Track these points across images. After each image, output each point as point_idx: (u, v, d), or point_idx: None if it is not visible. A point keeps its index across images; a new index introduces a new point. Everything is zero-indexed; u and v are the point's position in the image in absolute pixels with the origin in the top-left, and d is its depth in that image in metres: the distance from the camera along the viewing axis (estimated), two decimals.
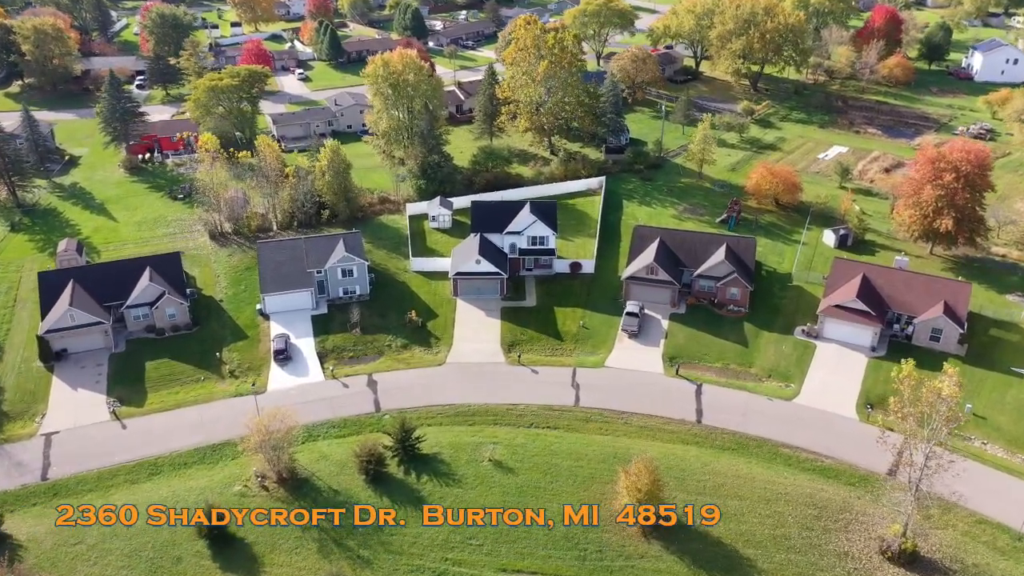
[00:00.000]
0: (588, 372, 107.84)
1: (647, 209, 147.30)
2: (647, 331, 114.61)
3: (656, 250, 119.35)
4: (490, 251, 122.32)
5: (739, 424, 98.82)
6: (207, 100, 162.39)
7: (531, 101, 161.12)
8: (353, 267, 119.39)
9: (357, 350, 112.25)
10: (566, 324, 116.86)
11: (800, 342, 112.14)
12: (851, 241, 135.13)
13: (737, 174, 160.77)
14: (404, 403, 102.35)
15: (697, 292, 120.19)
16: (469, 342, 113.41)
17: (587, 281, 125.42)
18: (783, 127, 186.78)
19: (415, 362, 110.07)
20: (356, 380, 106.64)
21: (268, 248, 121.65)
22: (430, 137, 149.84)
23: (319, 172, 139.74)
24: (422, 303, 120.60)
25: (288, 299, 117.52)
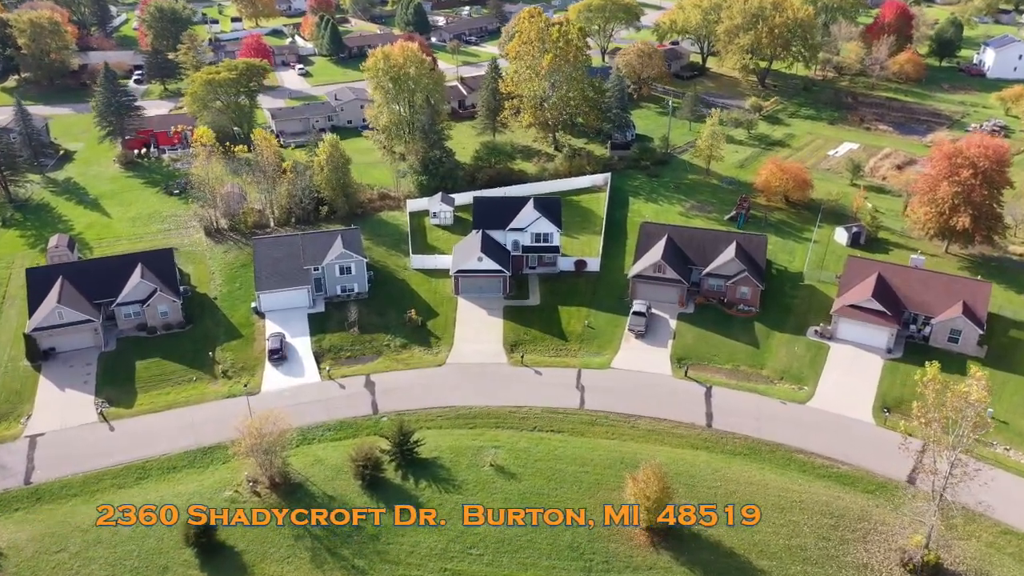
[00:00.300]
0: (593, 373, 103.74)
1: (654, 206, 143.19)
2: (654, 331, 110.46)
3: (664, 248, 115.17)
4: (492, 248, 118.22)
5: (751, 428, 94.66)
6: (204, 94, 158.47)
7: (535, 96, 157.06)
8: (351, 264, 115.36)
9: (355, 350, 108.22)
10: (571, 324, 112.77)
11: (813, 343, 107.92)
12: (864, 239, 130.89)
13: (746, 171, 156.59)
14: (403, 405, 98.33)
15: (706, 291, 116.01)
16: (470, 342, 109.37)
17: (592, 279, 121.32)
18: (792, 123, 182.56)
19: (414, 362, 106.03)
20: (353, 381, 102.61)
21: (264, 244, 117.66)
22: (431, 132, 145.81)
23: (317, 167, 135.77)
24: (422, 301, 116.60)
25: (284, 297, 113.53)
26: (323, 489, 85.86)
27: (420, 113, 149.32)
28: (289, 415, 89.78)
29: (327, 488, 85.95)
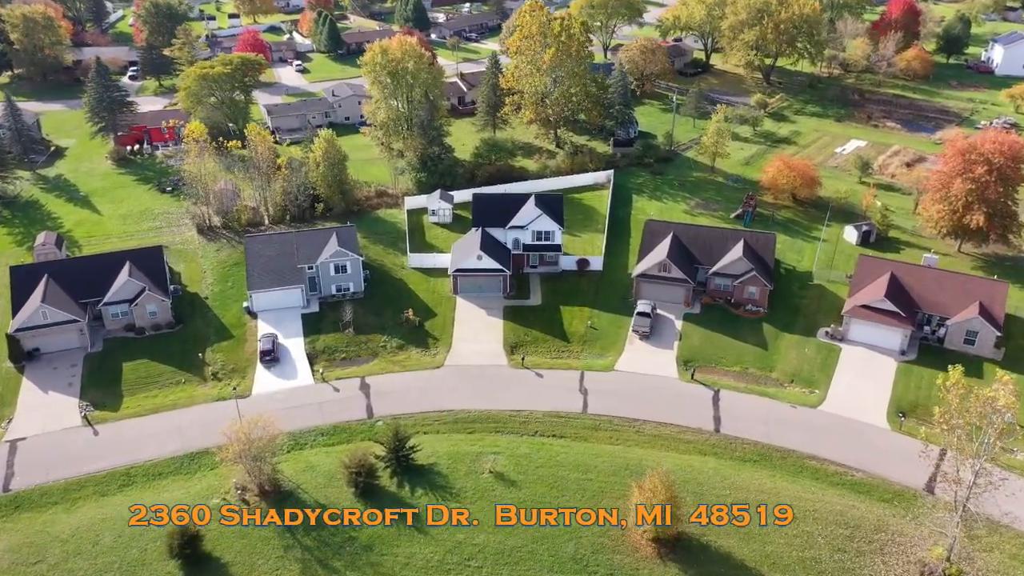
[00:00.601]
0: (597, 376, 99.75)
1: (658, 204, 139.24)
2: (659, 332, 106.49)
3: (669, 246, 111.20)
4: (492, 246, 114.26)
5: (760, 433, 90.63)
6: (198, 89, 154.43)
7: (536, 91, 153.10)
8: (347, 263, 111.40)
9: (350, 351, 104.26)
10: (573, 324, 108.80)
11: (824, 345, 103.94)
12: (874, 238, 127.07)
13: (751, 168, 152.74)
14: (399, 409, 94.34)
15: (712, 291, 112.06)
16: (469, 343, 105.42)
17: (595, 279, 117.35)
18: (798, 121, 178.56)
19: (411, 364, 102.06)
20: (348, 383, 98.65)
21: (256, 242, 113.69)
22: (430, 128, 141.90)
23: (313, 163, 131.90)
24: (420, 301, 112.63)
25: (277, 296, 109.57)
26: (315, 497, 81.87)
27: (419, 109, 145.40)
28: (280, 419, 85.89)
29: (319, 496, 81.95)
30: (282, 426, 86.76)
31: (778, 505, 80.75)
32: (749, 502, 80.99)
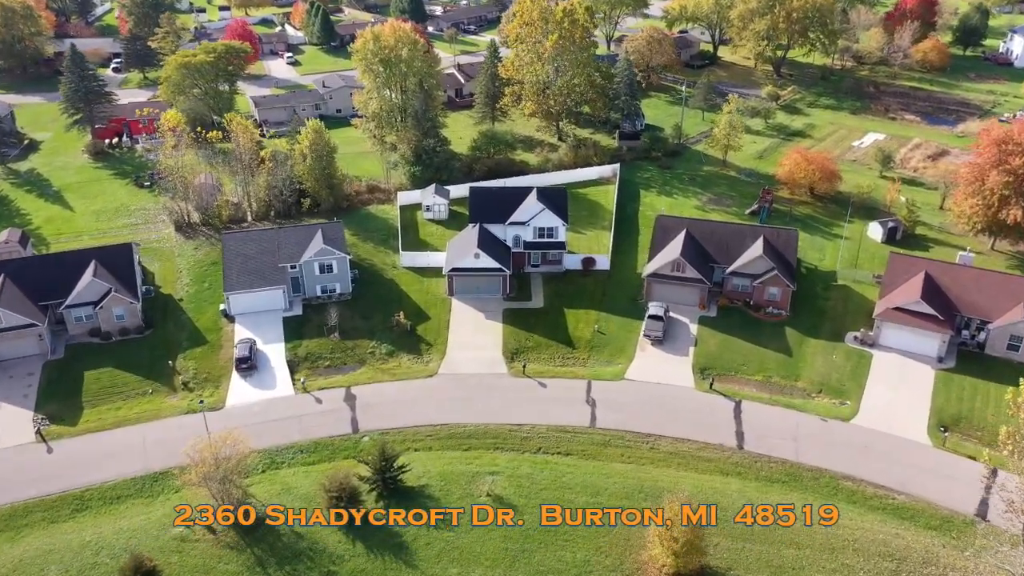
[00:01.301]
0: (606, 385, 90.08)
1: (667, 199, 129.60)
2: (673, 337, 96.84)
3: (682, 243, 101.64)
4: (491, 244, 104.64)
5: (789, 450, 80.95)
6: (180, 79, 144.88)
7: (537, 81, 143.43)
8: (332, 261, 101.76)
9: (335, 358, 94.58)
10: (579, 328, 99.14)
11: (853, 351, 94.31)
12: (900, 235, 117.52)
13: (765, 162, 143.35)
14: (387, 422, 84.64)
15: (730, 292, 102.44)
16: (466, 349, 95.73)
17: (602, 279, 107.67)
18: (812, 113, 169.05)
19: (401, 373, 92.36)
20: (331, 394, 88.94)
21: (235, 239, 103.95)
22: (425, 119, 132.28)
23: (299, 156, 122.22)
24: (412, 303, 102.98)
25: (256, 298, 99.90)
26: (290, 524, 72.16)
27: (413, 99, 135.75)
28: (255, 434, 76.68)
29: (295, 522, 72.24)
30: (257, 442, 77.58)
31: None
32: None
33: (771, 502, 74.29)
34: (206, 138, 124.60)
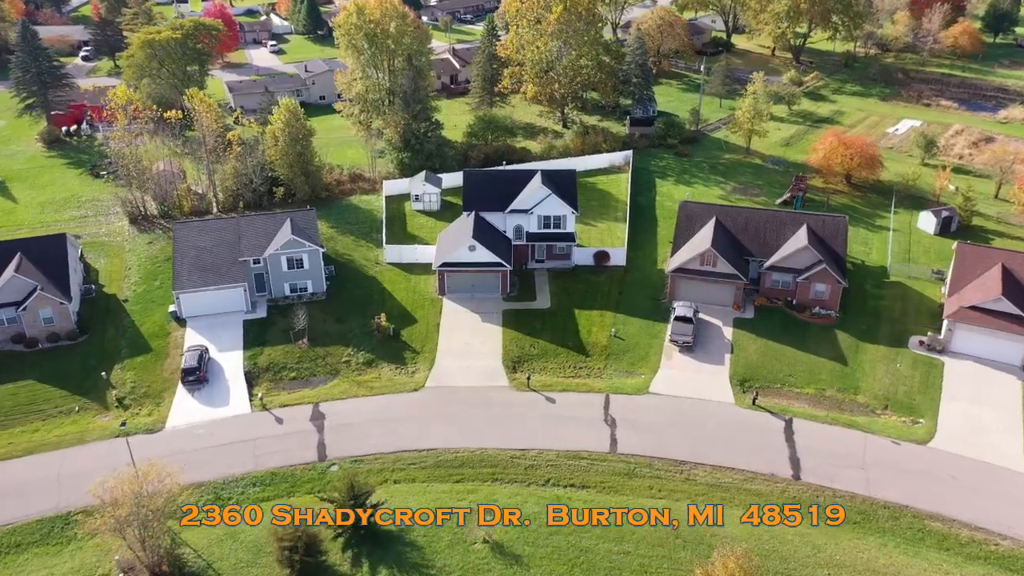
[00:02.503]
0: (627, 401, 73.82)
1: (686, 189, 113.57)
2: (705, 342, 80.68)
3: (713, 233, 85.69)
4: (488, 235, 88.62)
5: (857, 482, 64.67)
6: (144, 60, 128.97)
7: (540, 60, 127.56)
8: (303, 255, 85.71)
9: (302, 369, 78.29)
10: (592, 333, 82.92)
11: (920, 358, 78.15)
12: (956, 226, 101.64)
13: (793, 149, 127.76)
14: (361, 447, 68.32)
15: (768, 290, 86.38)
16: (458, 357, 79.56)
17: (617, 276, 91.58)
18: (838, 100, 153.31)
19: (381, 386, 76.02)
20: (296, 412, 72.62)
21: (187, 229, 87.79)
22: (414, 100, 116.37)
23: (271, 139, 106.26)
24: (396, 304, 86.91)
25: (212, 298, 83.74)
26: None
27: (401, 77, 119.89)
28: (198, 462, 60.68)
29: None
30: (199, 473, 61.68)
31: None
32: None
33: (842, 556, 57.98)
34: (164, 118, 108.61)
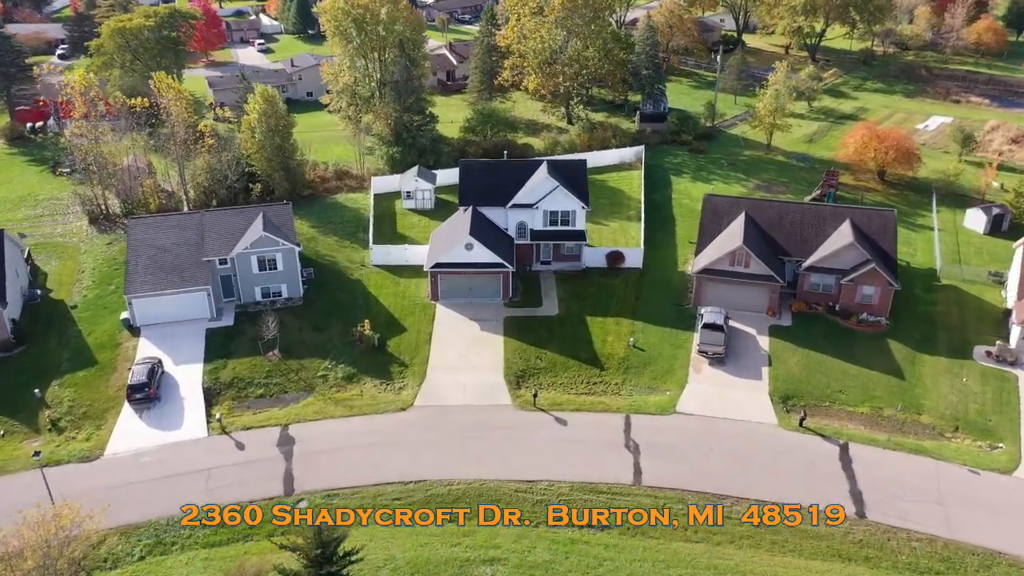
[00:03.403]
0: (651, 422, 62.29)
1: (704, 186, 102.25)
2: (738, 354, 69.28)
3: (744, 229, 74.52)
4: (488, 232, 77.43)
5: (935, 520, 53.07)
6: (114, 49, 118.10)
7: (544, 49, 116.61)
8: (276, 255, 74.43)
9: (271, 384, 66.78)
10: (607, 343, 71.44)
11: (990, 371, 66.79)
12: (1007, 224, 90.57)
13: (817, 146, 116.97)
14: (336, 479, 56.73)
15: (807, 293, 75.13)
16: (453, 371, 68.09)
17: (633, 279, 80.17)
18: (860, 97, 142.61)
19: (363, 405, 64.46)
20: (260, 436, 61.03)
21: (143, 226, 76.32)
22: (407, 91, 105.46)
23: (246, 129, 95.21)
24: (383, 311, 75.53)
25: (171, 304, 72.27)
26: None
27: (393, 66, 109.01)
28: (139, 498, 49.35)
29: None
30: (138, 511, 50.21)
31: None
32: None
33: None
34: (130, 108, 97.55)
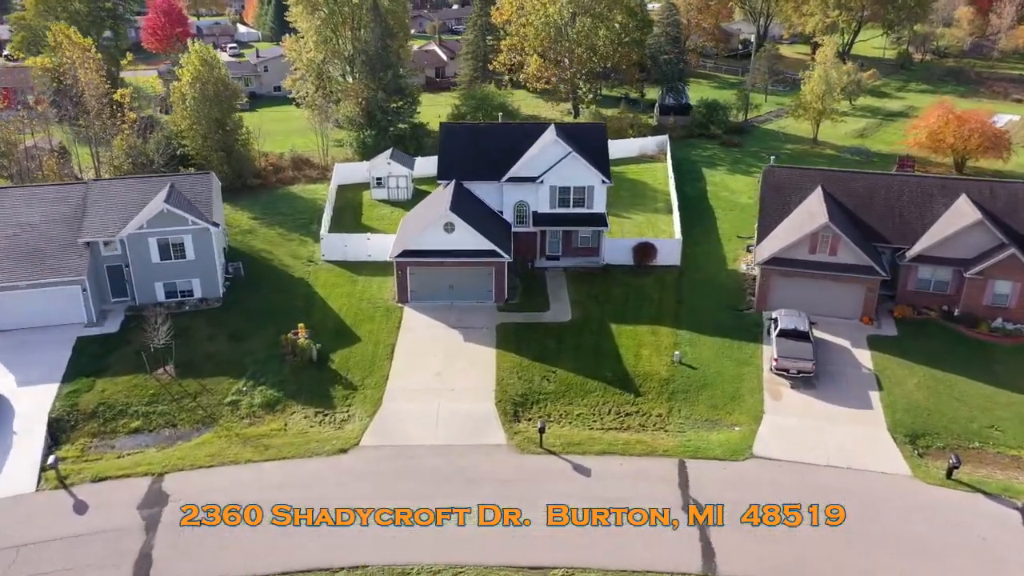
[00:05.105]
0: (718, 472, 40.27)
1: (745, 178, 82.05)
2: (830, 372, 47.63)
3: (825, 206, 53.63)
4: (475, 211, 56.47)
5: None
6: (37, 21, 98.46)
7: (548, 24, 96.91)
8: (185, 238, 53.30)
9: (154, 414, 44.91)
10: (642, 358, 49.67)
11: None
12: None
13: (871, 140, 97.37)
14: (227, 564, 34.62)
15: (911, 293, 53.91)
16: (422, 396, 46.25)
17: (670, 278, 58.93)
18: (905, 96, 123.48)
19: (285, 445, 42.40)
20: (119, 492, 38.84)
21: (8, 200, 55.19)
22: (382, 64, 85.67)
23: (176, 99, 74.88)
24: (331, 315, 54.04)
25: (30, 301, 50.82)
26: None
27: (367, 32, 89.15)
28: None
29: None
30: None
31: None
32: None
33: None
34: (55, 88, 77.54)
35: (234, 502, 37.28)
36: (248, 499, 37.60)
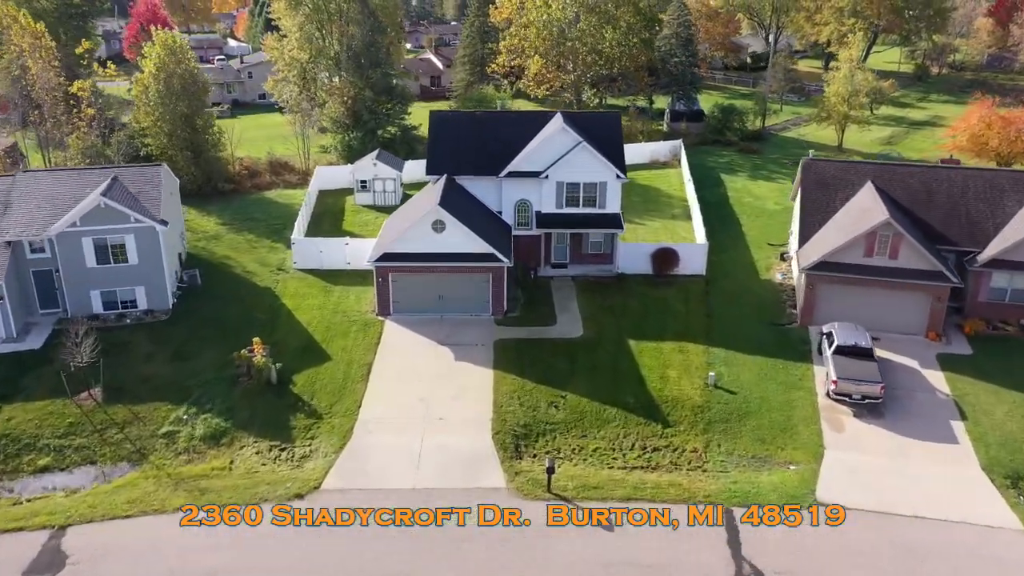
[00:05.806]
0: (776, 525, 31.47)
1: (768, 184, 74.23)
2: (898, 397, 38.90)
3: (882, 202, 45.28)
4: (469, 209, 48.05)
5: None
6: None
7: (551, 21, 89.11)
8: (126, 237, 44.82)
9: (71, 449, 36.09)
10: (670, 381, 40.86)
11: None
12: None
13: (899, 147, 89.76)
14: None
15: (983, 305, 45.36)
16: (402, 428, 37.47)
17: (696, 289, 50.33)
18: (928, 107, 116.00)
19: (227, 488, 33.40)
20: (6, 550, 30.13)
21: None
22: (370, 61, 77.93)
23: (139, 93, 66.85)
24: (297, 330, 45.36)
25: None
26: None
27: (354, 27, 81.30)
28: None
29: None
30: None
31: None
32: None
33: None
34: None
35: (146, 568, 28.37)
36: (165, 565, 28.67)
